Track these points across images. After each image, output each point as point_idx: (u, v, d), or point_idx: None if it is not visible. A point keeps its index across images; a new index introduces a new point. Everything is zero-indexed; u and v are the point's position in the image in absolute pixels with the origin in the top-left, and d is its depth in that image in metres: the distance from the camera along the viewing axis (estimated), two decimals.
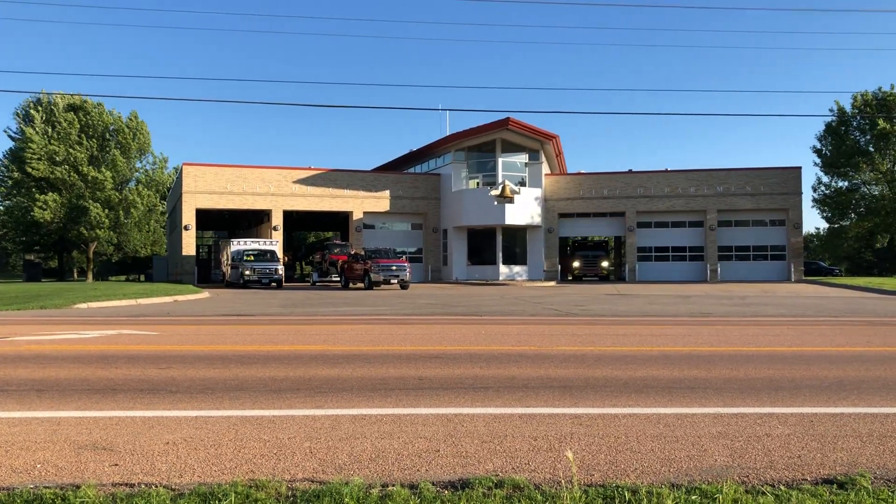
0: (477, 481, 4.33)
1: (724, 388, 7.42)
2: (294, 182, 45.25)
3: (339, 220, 52.67)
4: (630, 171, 49.30)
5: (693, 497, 4.07)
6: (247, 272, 37.54)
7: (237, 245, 41.05)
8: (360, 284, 36.89)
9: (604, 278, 49.63)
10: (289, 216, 45.86)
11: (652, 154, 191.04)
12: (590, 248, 53.08)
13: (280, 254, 41.82)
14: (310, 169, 46.63)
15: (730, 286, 37.76)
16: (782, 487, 4.28)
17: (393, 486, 4.27)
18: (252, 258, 38.94)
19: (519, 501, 4.02)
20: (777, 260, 47.56)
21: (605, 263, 50.43)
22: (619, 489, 4.19)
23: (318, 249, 51.79)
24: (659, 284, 40.84)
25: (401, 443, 5.24)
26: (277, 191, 44.68)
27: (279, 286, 37.56)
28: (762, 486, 4.30)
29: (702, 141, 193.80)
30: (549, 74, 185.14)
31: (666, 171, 48.69)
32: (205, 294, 30.29)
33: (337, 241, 49.78)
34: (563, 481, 4.35)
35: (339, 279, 40.53)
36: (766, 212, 47.61)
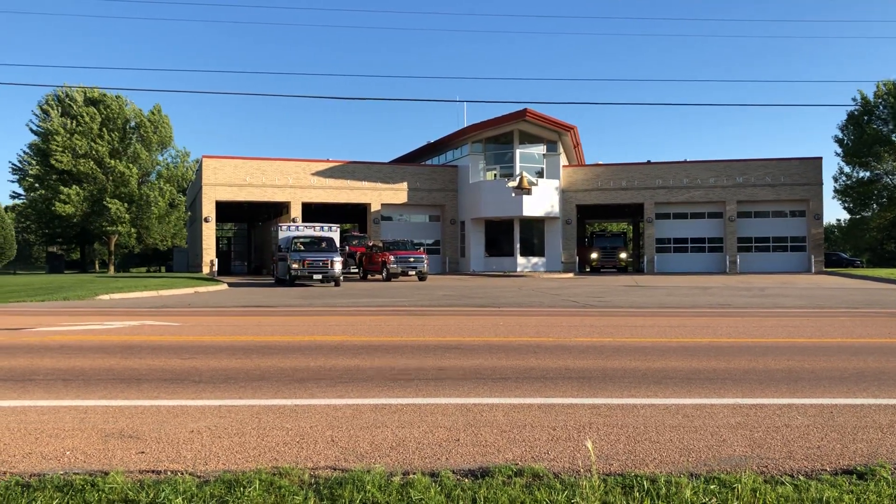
0: (497, 470, 4.38)
1: (743, 379, 7.42)
2: (312, 174, 45.45)
3: (357, 212, 52.87)
4: (648, 162, 49.06)
5: (712, 487, 4.09)
6: (294, 265, 29.94)
7: (287, 230, 34.44)
8: (378, 276, 37.05)
9: (622, 270, 49.50)
10: (307, 208, 46.07)
11: (671, 145, 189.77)
12: (608, 239, 52.95)
13: (337, 242, 34.71)
14: (328, 161, 46.80)
15: (749, 277, 37.53)
16: (801, 478, 4.30)
17: (414, 474, 4.33)
18: (302, 247, 31.74)
19: (538, 490, 4.06)
20: (797, 251, 47.18)
21: (623, 255, 50.30)
22: (638, 478, 4.22)
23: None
24: (678, 276, 40.65)
25: (421, 432, 5.30)
26: (296, 183, 44.90)
27: (337, 284, 30.41)
28: (781, 477, 4.32)
29: (721, 132, 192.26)
30: (566, 65, 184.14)
31: (685, 161, 48.40)
32: (222, 287, 30.56)
33: (355, 233, 49.98)
34: (582, 470, 4.39)
35: (357, 271, 40.72)
36: (787, 202, 47.21)
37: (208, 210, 43.34)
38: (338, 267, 30.38)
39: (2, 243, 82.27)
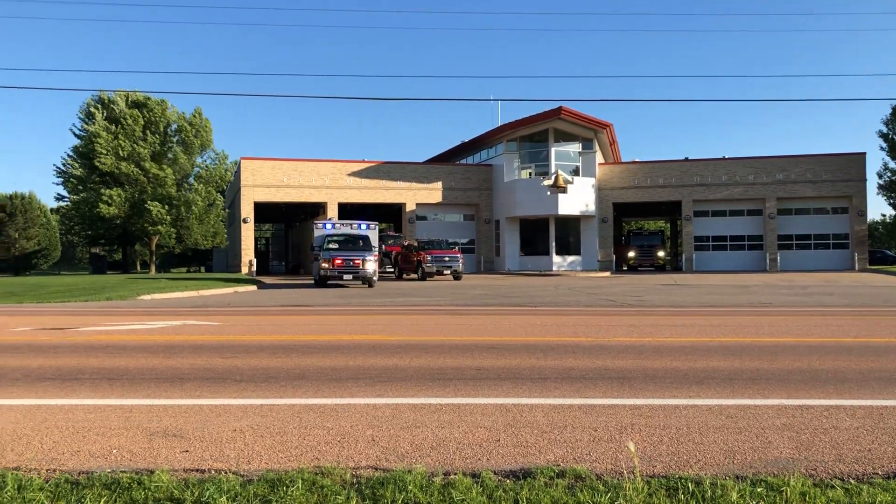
0: (538, 471, 4.35)
1: (787, 380, 7.28)
2: (348, 175, 45.73)
3: (392, 212, 53.06)
4: (686, 160, 48.42)
5: (759, 490, 4.02)
6: (323, 265, 28.36)
7: (322, 229, 32.83)
8: (413, 275, 37.14)
9: (660, 268, 48.94)
10: (343, 208, 46.36)
11: (708, 142, 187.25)
12: (645, 237, 52.39)
13: (375, 241, 32.91)
14: (363, 162, 47.06)
15: (790, 275, 36.85)
16: (852, 481, 4.20)
17: (455, 474, 4.32)
18: (334, 246, 29.84)
19: (581, 491, 4.02)
20: (840, 248, 46.20)
21: (660, 253, 49.71)
22: (682, 481, 4.16)
23: None
24: (716, 274, 40.08)
25: (461, 432, 5.29)
26: (332, 184, 45.22)
27: (369, 284, 28.74)
28: (831, 480, 4.22)
29: (761, 128, 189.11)
30: (602, 62, 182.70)
31: (723, 158, 47.69)
32: (259, 287, 30.85)
33: (390, 233, 50.18)
34: (624, 472, 4.34)
35: (392, 270, 40.84)
36: (829, 199, 46.26)
37: (247, 211, 43.85)
38: (370, 266, 28.39)
39: (47, 245, 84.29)
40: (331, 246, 29.67)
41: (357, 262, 28.23)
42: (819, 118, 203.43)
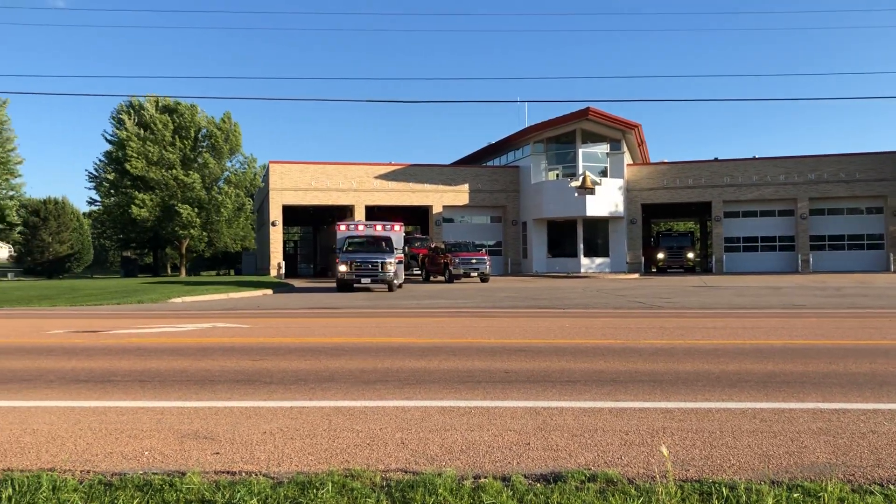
0: (569, 475, 4.31)
1: (822, 383, 7.15)
2: (375, 177, 45.91)
3: (419, 214, 53.17)
4: (716, 160, 47.89)
5: (795, 495, 3.94)
6: (341, 267, 27.18)
7: (344, 230, 31.64)
8: (440, 277, 37.13)
9: (689, 270, 48.47)
10: (370, 211, 46.55)
11: (737, 142, 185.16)
12: (674, 238, 51.88)
13: (399, 243, 31.78)
14: (390, 164, 47.22)
15: (823, 277, 36.25)
16: (892, 487, 4.10)
17: (485, 477, 4.30)
18: (355, 248, 28.66)
19: (613, 496, 3.98)
20: (874, 249, 45.38)
21: (690, 254, 49.21)
22: (717, 485, 4.10)
23: None
24: (747, 276, 39.58)
25: (491, 435, 5.26)
26: (359, 186, 45.42)
27: (390, 288, 27.46)
28: (870, 486, 4.13)
29: (793, 128, 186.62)
30: (630, 62, 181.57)
31: (754, 158, 47.09)
32: (286, 290, 31.01)
33: (417, 235, 50.24)
34: (657, 476, 4.28)
35: (419, 272, 40.91)
36: (863, 199, 45.48)
37: (275, 214, 44.19)
38: (390, 269, 26.98)
39: (80, 248, 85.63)
40: (350, 248, 28.58)
41: (376, 264, 27.02)
42: (853, 116, 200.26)
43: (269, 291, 28.15)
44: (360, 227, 31.97)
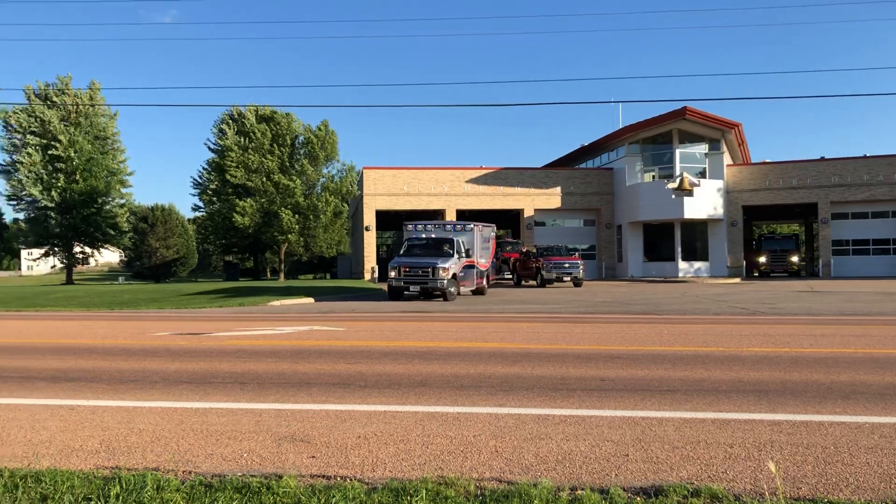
0: (671, 488, 4.13)
1: None
2: (466, 182, 46.04)
3: (510, 218, 52.93)
4: (822, 159, 45.65)
5: None
6: (391, 273, 24.37)
7: (410, 229, 28.92)
8: (532, 282, 36.80)
9: (794, 274, 46.38)
10: (461, 215, 46.67)
11: (845, 140, 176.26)
12: (778, 241, 49.69)
13: (474, 244, 28.08)
14: (481, 168, 47.25)
15: None
16: None
17: (582, 489, 4.17)
18: (411, 250, 25.79)
19: None
20: None
21: (794, 258, 47.09)
22: None
23: None
24: (857, 280, 37.48)
25: (587, 445, 5.11)
26: (450, 191, 45.64)
27: (445, 297, 24.09)
28: None
29: None
30: (728, 60, 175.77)
31: (864, 157, 44.62)
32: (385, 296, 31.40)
33: (508, 239, 50.02)
34: (766, 493, 4.05)
35: (510, 277, 40.69)
36: None
37: (369, 219, 44.94)
38: (444, 275, 23.58)
39: (185, 253, 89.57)
40: (409, 251, 25.78)
41: (427, 270, 23.70)
42: None
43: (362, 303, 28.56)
44: (428, 227, 28.79)
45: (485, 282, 28.27)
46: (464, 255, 25.96)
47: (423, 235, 27.60)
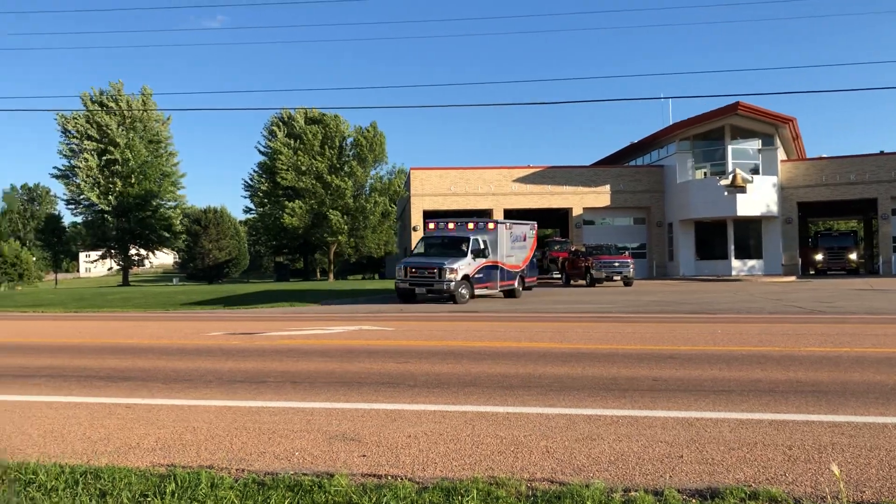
0: (728, 491, 4.03)
1: None
2: (513, 181, 45.85)
3: (558, 217, 52.56)
4: (881, 153, 44.23)
5: None
6: (398, 274, 23.40)
7: (432, 228, 26.77)
8: (581, 281, 36.45)
9: (852, 272, 45.02)
10: (508, 214, 46.43)
11: None
12: (835, 238, 48.30)
13: (500, 243, 25.50)
14: (528, 167, 47.01)
15: None
16: None
17: (636, 491, 4.10)
18: (424, 250, 24.52)
19: None
20: None
21: (853, 255, 45.68)
22: None
23: (538, 247, 52.10)
24: None
25: (640, 446, 5.03)
26: (497, 190, 45.51)
27: (454, 301, 22.30)
28: None
29: None
30: (781, 53, 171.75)
31: None
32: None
33: (556, 238, 49.66)
34: (828, 497, 3.93)
35: (559, 276, 40.40)
36: None
37: (416, 219, 45.09)
38: (451, 276, 22.11)
39: (237, 254, 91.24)
40: (421, 251, 24.70)
41: (433, 271, 22.23)
42: None
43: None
44: (450, 226, 26.08)
45: (517, 283, 26.37)
46: (483, 255, 24.28)
47: (434, 233, 26.03)
